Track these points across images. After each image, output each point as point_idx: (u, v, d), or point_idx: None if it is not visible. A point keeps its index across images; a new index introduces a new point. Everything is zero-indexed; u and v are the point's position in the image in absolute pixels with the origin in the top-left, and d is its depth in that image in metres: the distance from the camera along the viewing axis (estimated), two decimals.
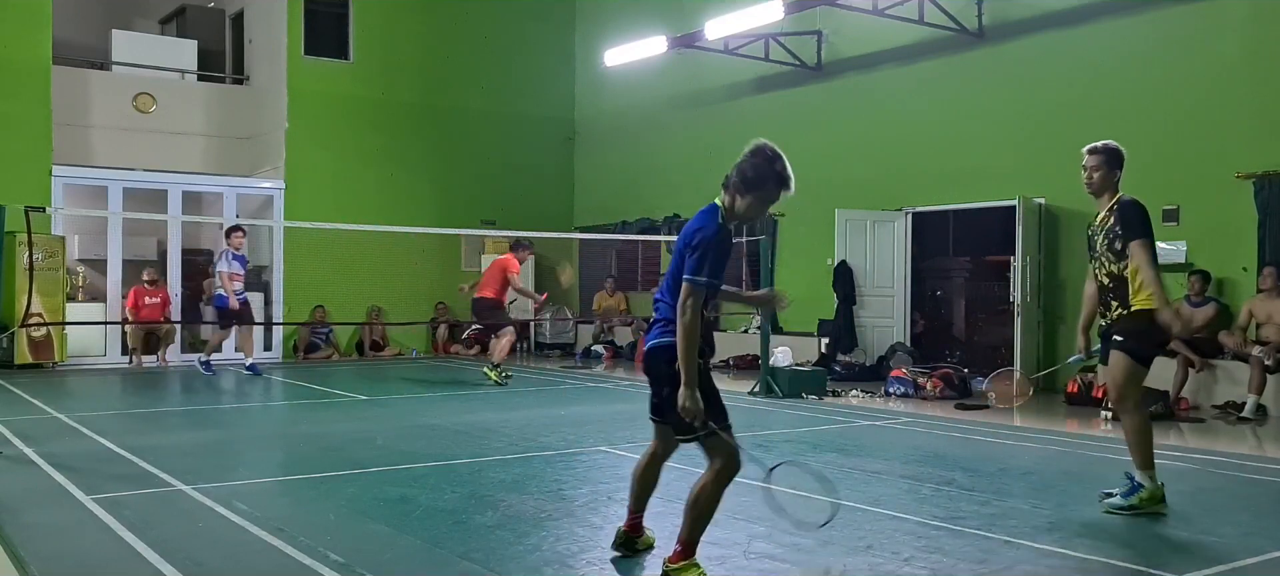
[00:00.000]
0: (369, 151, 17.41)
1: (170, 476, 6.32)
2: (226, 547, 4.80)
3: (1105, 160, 5.89)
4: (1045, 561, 4.62)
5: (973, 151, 13.00)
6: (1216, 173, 10.75)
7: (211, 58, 18.44)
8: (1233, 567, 4.56)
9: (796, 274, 15.03)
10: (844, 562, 4.61)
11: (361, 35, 17.63)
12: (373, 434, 8.54)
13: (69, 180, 15.28)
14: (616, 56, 15.79)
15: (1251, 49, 10.68)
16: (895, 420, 9.50)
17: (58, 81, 15.36)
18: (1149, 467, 5.49)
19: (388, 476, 6.53)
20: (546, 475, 6.59)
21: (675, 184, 17.36)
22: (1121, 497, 5.50)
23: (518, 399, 11.25)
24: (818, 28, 14.86)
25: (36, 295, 12.80)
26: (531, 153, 19.13)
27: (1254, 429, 9.13)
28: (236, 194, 16.62)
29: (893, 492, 6.09)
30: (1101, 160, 5.90)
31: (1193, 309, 10.46)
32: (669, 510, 5.59)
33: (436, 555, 4.69)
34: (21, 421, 8.86)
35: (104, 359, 15.11)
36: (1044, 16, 12.35)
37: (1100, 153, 5.92)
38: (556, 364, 16.19)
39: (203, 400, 11.58)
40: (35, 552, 4.60)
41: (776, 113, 15.58)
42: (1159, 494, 5.48)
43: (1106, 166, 5.88)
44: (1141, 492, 5.47)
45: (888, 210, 13.80)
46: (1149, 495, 5.46)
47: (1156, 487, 5.49)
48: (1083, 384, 10.77)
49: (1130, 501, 5.47)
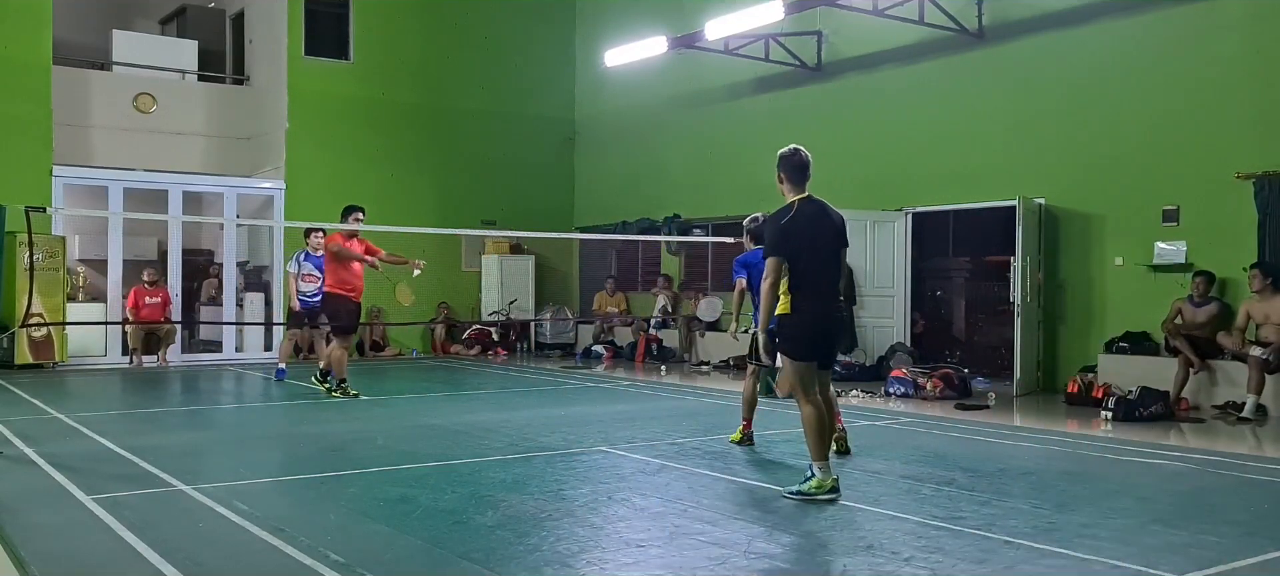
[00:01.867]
0: (369, 151, 17.41)
1: (170, 476, 6.33)
2: (226, 547, 4.81)
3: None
4: (1045, 561, 4.62)
5: (973, 151, 13.00)
6: (1216, 173, 10.75)
7: (212, 58, 18.44)
8: (1233, 567, 4.56)
9: None
10: (844, 562, 4.61)
11: (361, 35, 17.64)
12: (373, 434, 8.54)
13: (69, 180, 15.28)
14: (617, 56, 15.79)
15: (1251, 49, 10.67)
16: (895, 420, 9.50)
17: (58, 81, 15.36)
18: (821, 459, 5.81)
19: (388, 476, 6.53)
20: (546, 475, 6.59)
21: (675, 184, 17.37)
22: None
23: (518, 399, 11.25)
24: (818, 28, 14.86)
25: (37, 295, 12.82)
26: (531, 153, 19.14)
27: (1253, 429, 9.13)
28: (237, 194, 16.63)
29: (893, 492, 6.09)
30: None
31: (1195, 309, 10.47)
32: (668, 510, 5.59)
33: (436, 555, 4.69)
34: (22, 421, 8.86)
35: (104, 359, 15.11)
36: (1044, 16, 12.35)
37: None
38: (556, 364, 16.19)
39: (203, 400, 11.59)
40: (35, 552, 4.60)
41: (776, 113, 15.59)
42: (827, 484, 5.77)
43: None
44: (812, 481, 5.78)
45: (888, 210, 13.80)
46: (816, 484, 5.76)
47: (827, 478, 5.79)
48: (1082, 384, 10.77)
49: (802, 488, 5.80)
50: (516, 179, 18.78)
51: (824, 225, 6.00)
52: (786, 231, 5.89)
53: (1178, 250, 11.00)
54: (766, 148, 15.70)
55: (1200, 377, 10.25)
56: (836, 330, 6.17)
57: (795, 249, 5.86)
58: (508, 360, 16.85)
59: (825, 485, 5.75)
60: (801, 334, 5.92)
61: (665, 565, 4.52)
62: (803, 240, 5.88)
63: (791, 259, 5.85)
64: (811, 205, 6.01)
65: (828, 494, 5.73)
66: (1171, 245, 11.08)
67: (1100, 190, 11.78)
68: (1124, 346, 11.09)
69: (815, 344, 5.98)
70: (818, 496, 5.72)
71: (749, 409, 7.88)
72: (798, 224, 5.90)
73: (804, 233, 5.89)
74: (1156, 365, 10.55)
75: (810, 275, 5.87)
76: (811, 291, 5.87)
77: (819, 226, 5.97)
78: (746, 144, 16.08)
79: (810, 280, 5.87)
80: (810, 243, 5.90)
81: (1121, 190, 11.59)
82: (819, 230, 5.96)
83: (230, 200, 16.45)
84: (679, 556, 4.65)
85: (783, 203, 6.05)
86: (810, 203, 6.01)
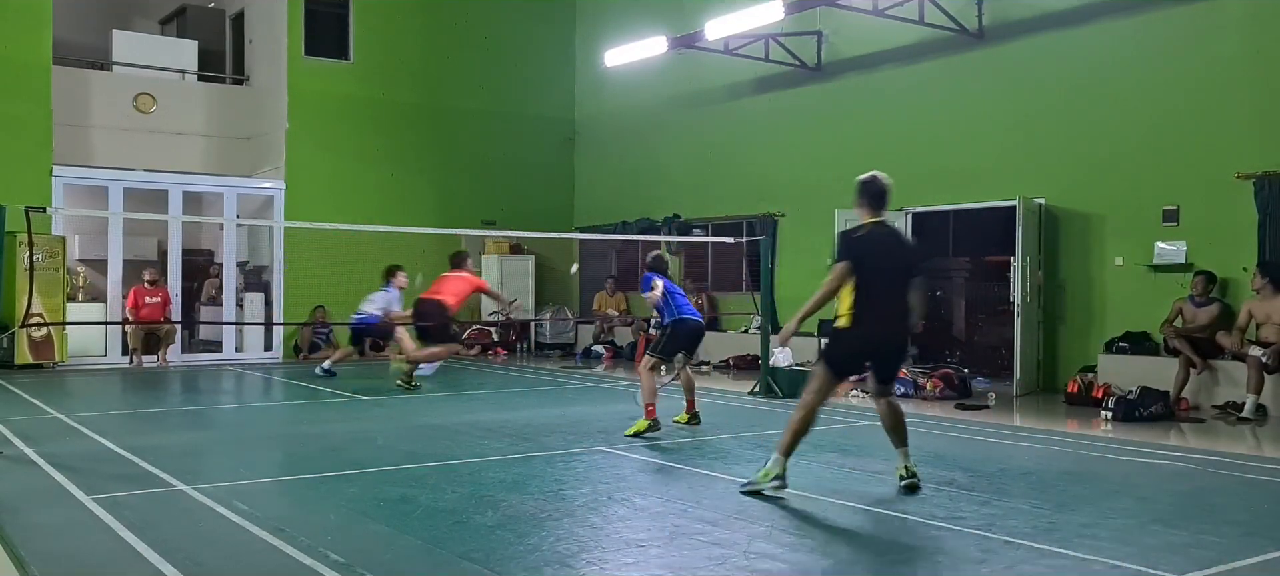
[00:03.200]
0: (369, 151, 17.41)
1: (170, 476, 6.33)
2: (226, 547, 4.81)
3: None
4: (1045, 561, 4.62)
5: (973, 151, 13.00)
6: (1216, 173, 10.75)
7: (212, 58, 18.44)
8: (1233, 567, 4.56)
9: (796, 274, 15.03)
10: (844, 563, 4.61)
11: (361, 35, 17.64)
12: (373, 434, 8.55)
13: (69, 180, 15.28)
14: (617, 57, 15.79)
15: (1251, 49, 10.67)
16: None
17: (58, 81, 15.36)
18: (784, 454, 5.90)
19: (388, 476, 6.53)
20: (546, 475, 6.59)
21: (675, 184, 17.37)
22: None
23: (518, 399, 11.25)
24: (818, 28, 14.86)
25: (37, 295, 12.82)
26: (531, 153, 19.14)
27: (1253, 429, 9.13)
28: (237, 194, 16.63)
29: (893, 492, 6.08)
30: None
31: (1196, 309, 10.47)
32: (668, 510, 5.60)
33: (436, 555, 4.69)
34: (22, 421, 8.86)
35: (104, 359, 15.11)
36: (1044, 17, 12.35)
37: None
38: (556, 364, 16.19)
39: (203, 400, 11.59)
40: (35, 552, 4.60)
41: (776, 113, 15.58)
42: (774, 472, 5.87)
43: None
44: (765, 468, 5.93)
45: (888, 210, 13.77)
46: (764, 473, 5.90)
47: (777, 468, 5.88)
48: (1083, 384, 10.77)
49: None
50: (516, 179, 18.78)
51: (894, 251, 6.09)
52: (856, 245, 6.00)
53: (1178, 250, 11.00)
54: (766, 148, 15.89)
55: (1200, 377, 10.25)
56: (894, 353, 6.17)
57: (863, 266, 5.92)
58: (508, 360, 16.86)
59: (771, 473, 5.86)
60: (847, 351, 6.02)
61: (665, 565, 4.52)
62: (871, 260, 5.95)
63: (858, 277, 5.91)
64: (884, 230, 6.11)
65: (772, 482, 5.84)
66: (1171, 245, 11.07)
67: (1100, 190, 11.78)
68: (1124, 346, 11.09)
69: (856, 363, 6.14)
70: (763, 484, 5.85)
71: (651, 395, 8.25)
72: (867, 244, 6.01)
73: (872, 253, 5.98)
74: (1156, 365, 10.55)
75: (876, 297, 5.91)
76: (874, 315, 5.91)
77: (889, 251, 6.05)
78: (746, 144, 16.09)
79: (875, 301, 5.90)
80: (878, 265, 5.96)
81: (1121, 190, 11.59)
82: (889, 255, 6.03)
83: (230, 200, 16.45)
84: (679, 556, 4.65)
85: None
86: (883, 227, 6.10)
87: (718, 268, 16.86)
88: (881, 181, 6.16)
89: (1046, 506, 5.73)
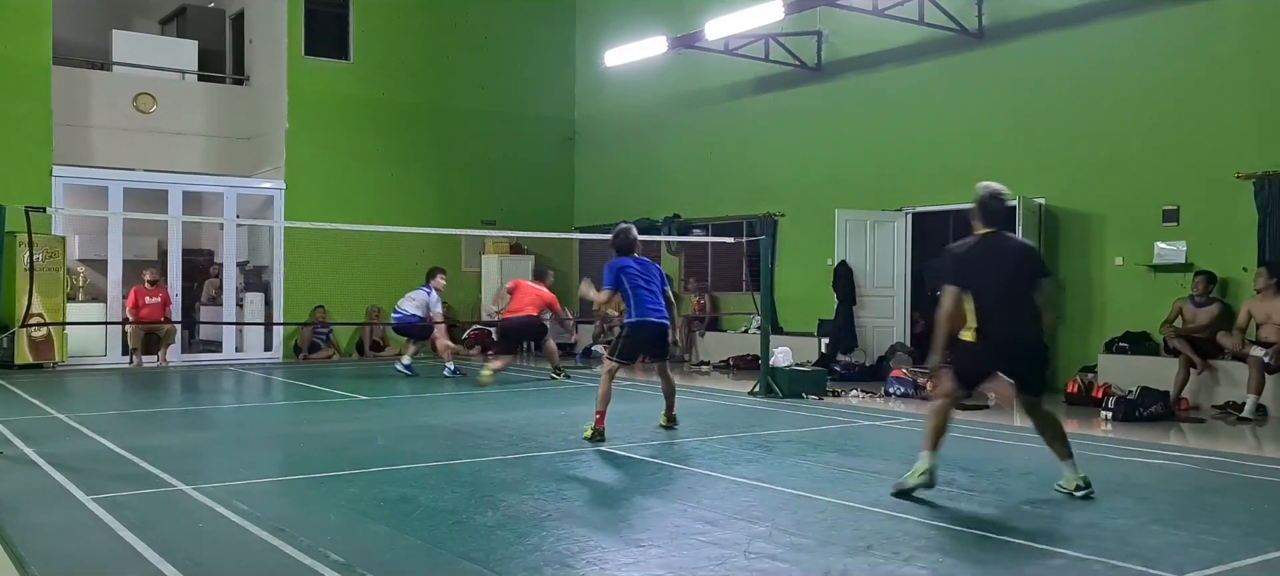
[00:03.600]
0: (369, 151, 17.41)
1: (170, 476, 6.33)
2: (226, 547, 4.81)
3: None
4: (1045, 561, 4.62)
5: (973, 151, 12.99)
6: (1216, 173, 10.75)
7: (212, 58, 18.44)
8: (1233, 567, 4.56)
9: (796, 274, 15.04)
10: (844, 562, 4.61)
11: (361, 35, 17.63)
12: (373, 434, 8.55)
13: (69, 180, 15.27)
14: (616, 57, 15.79)
15: (1251, 49, 10.67)
16: (895, 420, 9.49)
17: (58, 81, 15.35)
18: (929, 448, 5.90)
19: (388, 476, 6.53)
20: (546, 475, 6.59)
21: (675, 184, 17.37)
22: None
23: (518, 399, 11.25)
24: (818, 28, 14.86)
25: (37, 295, 12.82)
26: (531, 153, 19.13)
27: (1254, 429, 9.13)
28: (237, 194, 16.63)
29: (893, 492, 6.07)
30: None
31: (1197, 309, 10.47)
32: (668, 511, 5.59)
33: (436, 555, 4.69)
34: (22, 421, 8.86)
35: (104, 359, 15.11)
36: (1044, 17, 12.35)
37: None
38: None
39: (203, 400, 11.59)
40: (35, 552, 4.60)
41: (776, 113, 15.58)
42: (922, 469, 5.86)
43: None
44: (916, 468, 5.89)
45: (888, 210, 13.80)
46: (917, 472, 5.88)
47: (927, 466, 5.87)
48: (1082, 384, 10.77)
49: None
50: (516, 179, 18.78)
51: (1006, 258, 6.03)
52: (958, 262, 6.01)
53: (1178, 250, 11.00)
54: (766, 148, 15.89)
55: (1200, 378, 10.25)
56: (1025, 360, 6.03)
57: (971, 281, 5.92)
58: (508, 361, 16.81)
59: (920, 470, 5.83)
60: (970, 362, 5.97)
61: (665, 565, 4.52)
62: (980, 274, 5.94)
63: (974, 292, 5.89)
64: (995, 239, 6.07)
65: (920, 478, 5.82)
66: (1171, 245, 11.07)
67: (1100, 190, 11.78)
68: (1124, 346, 11.09)
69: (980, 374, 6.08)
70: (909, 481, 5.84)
71: (603, 402, 8.02)
72: (972, 258, 6.00)
73: (979, 266, 5.96)
74: (1156, 365, 10.54)
75: (994, 307, 5.87)
76: (995, 324, 5.86)
77: (1000, 260, 5.99)
78: (746, 144, 16.08)
79: (994, 311, 5.87)
80: (989, 276, 5.93)
81: (1121, 190, 11.59)
82: (1000, 263, 5.98)
83: (230, 200, 16.45)
84: (679, 556, 4.65)
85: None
86: (994, 237, 6.07)
87: (718, 267, 16.85)
88: (1000, 199, 6.14)
89: (1047, 506, 5.74)
